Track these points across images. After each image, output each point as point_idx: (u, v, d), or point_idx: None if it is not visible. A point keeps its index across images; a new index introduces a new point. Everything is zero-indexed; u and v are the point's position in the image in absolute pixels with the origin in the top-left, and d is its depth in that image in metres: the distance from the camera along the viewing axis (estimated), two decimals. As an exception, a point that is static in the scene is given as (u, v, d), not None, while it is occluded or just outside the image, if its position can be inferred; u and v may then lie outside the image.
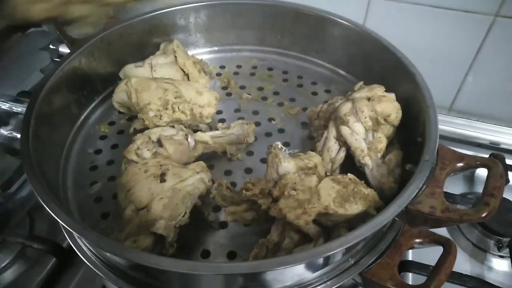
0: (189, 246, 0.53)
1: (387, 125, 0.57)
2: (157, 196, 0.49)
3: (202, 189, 0.52)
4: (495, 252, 0.66)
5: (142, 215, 0.48)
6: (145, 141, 0.58)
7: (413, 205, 0.44)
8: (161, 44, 0.76)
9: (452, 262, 0.49)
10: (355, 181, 0.49)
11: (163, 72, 0.69)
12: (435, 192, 0.45)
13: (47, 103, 0.59)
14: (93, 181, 0.61)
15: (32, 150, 0.51)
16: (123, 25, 0.72)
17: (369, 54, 0.71)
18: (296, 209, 0.44)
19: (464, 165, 0.48)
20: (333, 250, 0.39)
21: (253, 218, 0.50)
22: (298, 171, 0.51)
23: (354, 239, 0.40)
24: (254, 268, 0.37)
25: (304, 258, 0.39)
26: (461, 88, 0.86)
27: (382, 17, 0.81)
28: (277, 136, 0.68)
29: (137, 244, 0.46)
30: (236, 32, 0.82)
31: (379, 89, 0.59)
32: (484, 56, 0.79)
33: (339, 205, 0.45)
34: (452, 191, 0.71)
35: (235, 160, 0.64)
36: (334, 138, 0.59)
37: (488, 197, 0.42)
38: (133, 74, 0.68)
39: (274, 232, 0.49)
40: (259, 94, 0.76)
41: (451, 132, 0.87)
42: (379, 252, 0.50)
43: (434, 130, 0.51)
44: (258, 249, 0.48)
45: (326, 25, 0.75)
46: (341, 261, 0.47)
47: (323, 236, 0.47)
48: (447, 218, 0.42)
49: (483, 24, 0.75)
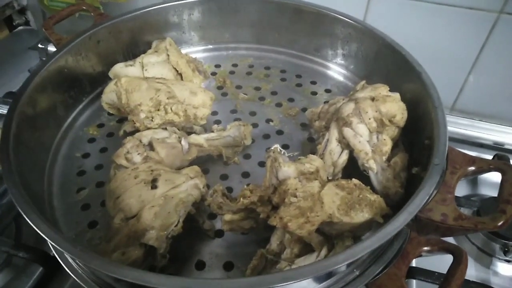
0: (183, 256, 0.50)
1: (392, 127, 0.55)
2: (148, 204, 0.46)
3: (196, 196, 0.49)
4: (501, 256, 0.63)
5: (131, 225, 0.45)
6: (136, 144, 0.54)
7: (424, 212, 0.41)
8: (153, 42, 0.73)
9: (464, 272, 0.46)
10: (360, 186, 0.45)
11: (155, 71, 0.66)
12: (446, 198, 0.42)
13: (30, 105, 0.56)
14: (81, 187, 0.58)
15: (12, 155, 0.48)
16: (112, 22, 0.69)
17: (372, 52, 0.69)
18: (298, 218, 0.41)
19: (476, 169, 0.45)
20: (340, 263, 0.36)
21: (251, 227, 0.47)
22: (299, 176, 0.48)
23: (362, 251, 0.37)
24: (254, 285, 0.34)
25: (309, 272, 0.36)
26: (463, 87, 0.84)
27: (383, 14, 0.78)
28: (275, 138, 0.65)
29: (126, 257, 0.43)
30: (231, 30, 0.79)
31: (383, 88, 0.57)
32: (487, 54, 0.77)
33: (344, 213, 0.42)
34: (455, 193, 0.69)
35: (232, 163, 0.61)
36: (336, 140, 0.56)
37: (505, 204, 0.39)
38: (124, 73, 0.65)
39: (274, 242, 0.46)
40: (256, 94, 0.73)
41: (453, 132, 0.85)
42: (385, 261, 0.47)
43: (443, 132, 0.49)
44: (257, 260, 0.45)
45: (326, 22, 0.73)
46: (346, 273, 0.45)
47: (327, 246, 0.44)
48: (460, 226, 0.39)
49: (486, 21, 0.73)
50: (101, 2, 0.89)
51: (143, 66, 0.66)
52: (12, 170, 0.46)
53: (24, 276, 0.59)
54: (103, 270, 0.36)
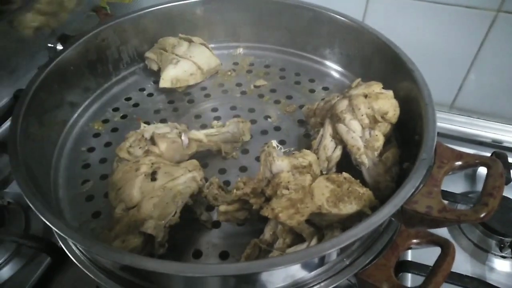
0: (181, 246, 0.52)
1: (385, 123, 0.56)
2: (147, 195, 0.48)
3: (194, 188, 0.51)
4: (496, 252, 0.64)
5: (132, 214, 0.47)
6: (138, 138, 0.57)
7: (409, 204, 0.42)
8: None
9: (450, 264, 0.48)
10: (350, 180, 0.47)
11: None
12: (432, 191, 0.43)
13: (38, 101, 0.58)
14: (85, 179, 0.60)
15: (20, 149, 0.50)
16: (117, 22, 0.71)
17: (368, 50, 0.70)
18: (289, 209, 0.43)
19: (463, 164, 0.46)
20: (325, 251, 0.38)
21: (246, 218, 0.49)
22: (292, 169, 0.50)
23: (347, 239, 0.39)
24: (241, 270, 0.36)
25: (294, 259, 0.37)
26: (462, 85, 0.84)
27: (382, 13, 0.79)
28: (273, 134, 0.67)
29: (126, 244, 0.45)
30: (232, 29, 0.81)
31: (377, 86, 0.58)
32: (486, 52, 0.78)
33: (333, 204, 0.44)
34: (453, 190, 0.69)
35: (230, 158, 0.63)
36: (330, 136, 0.57)
37: (487, 197, 0.40)
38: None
39: (267, 232, 0.48)
40: (256, 91, 0.75)
41: (452, 130, 0.86)
42: (375, 252, 0.48)
43: (432, 128, 0.50)
44: (250, 249, 0.47)
45: (324, 21, 0.74)
46: (336, 262, 0.46)
47: (317, 236, 0.45)
48: (444, 218, 0.41)
49: (485, 19, 0.74)
50: (107, 3, 0.91)
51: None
52: (20, 163, 0.48)
53: (32, 265, 0.62)
54: (102, 255, 0.39)
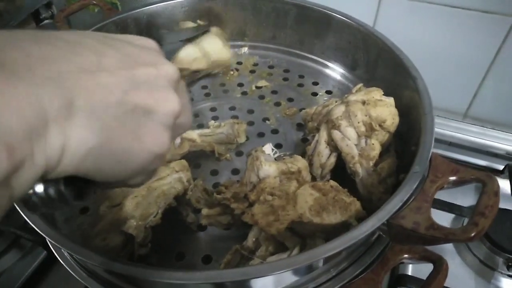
0: (165, 247, 0.51)
1: (382, 131, 0.53)
2: (131, 193, 0.48)
3: (179, 189, 0.50)
4: (503, 271, 0.61)
5: (115, 213, 0.47)
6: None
7: (396, 219, 0.40)
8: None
9: (442, 282, 0.46)
10: (336, 188, 0.45)
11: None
12: (422, 206, 0.41)
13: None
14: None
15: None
16: (120, 17, 0.71)
17: (373, 55, 0.68)
18: (269, 216, 0.42)
19: (458, 179, 0.44)
20: (298, 264, 0.36)
21: (229, 223, 0.48)
22: (280, 175, 0.48)
23: (324, 253, 0.37)
24: (209, 278, 0.35)
25: (266, 270, 0.36)
26: (477, 93, 0.81)
27: (394, 17, 0.77)
28: (270, 136, 0.66)
29: (107, 242, 0.45)
30: (237, 28, 0.80)
31: (377, 92, 0.56)
32: (503, 59, 0.74)
33: (316, 213, 0.42)
34: (462, 203, 0.66)
35: (223, 160, 0.62)
36: (325, 142, 0.55)
37: (478, 217, 0.38)
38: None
39: (250, 239, 0.47)
40: (257, 92, 0.74)
41: (465, 140, 0.82)
42: (363, 265, 0.46)
43: (429, 139, 0.47)
44: (231, 255, 0.45)
45: (331, 23, 0.72)
46: (322, 271, 0.44)
47: (299, 245, 0.44)
48: (431, 236, 0.38)
49: (503, 25, 0.70)
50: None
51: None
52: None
53: (30, 257, 0.63)
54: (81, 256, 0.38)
